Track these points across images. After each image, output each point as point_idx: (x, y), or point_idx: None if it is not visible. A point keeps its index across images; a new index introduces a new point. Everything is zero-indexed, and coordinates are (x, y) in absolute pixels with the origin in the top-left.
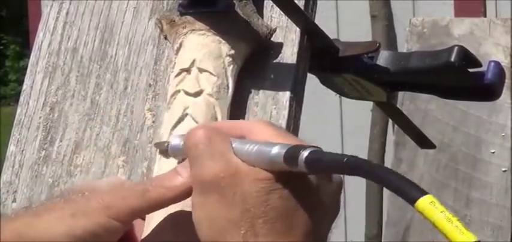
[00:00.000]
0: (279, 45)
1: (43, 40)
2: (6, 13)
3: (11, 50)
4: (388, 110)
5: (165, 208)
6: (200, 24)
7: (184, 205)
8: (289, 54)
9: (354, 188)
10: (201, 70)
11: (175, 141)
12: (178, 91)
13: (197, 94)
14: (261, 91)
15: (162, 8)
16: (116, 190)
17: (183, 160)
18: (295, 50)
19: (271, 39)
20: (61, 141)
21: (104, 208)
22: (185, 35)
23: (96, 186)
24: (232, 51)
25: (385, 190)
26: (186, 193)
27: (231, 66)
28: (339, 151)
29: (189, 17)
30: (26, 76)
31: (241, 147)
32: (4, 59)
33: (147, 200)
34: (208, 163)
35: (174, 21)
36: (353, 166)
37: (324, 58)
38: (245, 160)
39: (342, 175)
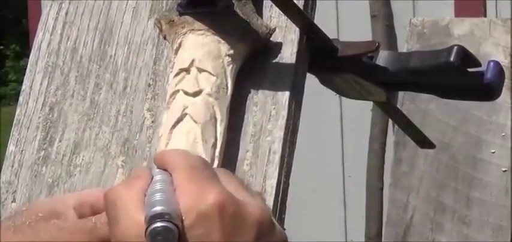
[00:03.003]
0: (279, 45)
1: (42, 40)
2: (6, 13)
3: (11, 50)
4: (388, 110)
5: None
6: (199, 24)
7: None
8: (288, 54)
9: (354, 188)
10: (200, 70)
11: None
12: (178, 91)
13: (196, 94)
14: (260, 91)
15: (161, 8)
16: (66, 222)
17: None
18: (295, 49)
19: (271, 39)
20: (60, 141)
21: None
22: (184, 34)
23: (53, 208)
24: (232, 51)
25: (385, 190)
26: None
27: (230, 66)
28: (339, 151)
29: (188, 17)
30: (25, 76)
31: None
32: (4, 59)
33: (95, 238)
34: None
35: (173, 21)
36: None
37: (324, 58)
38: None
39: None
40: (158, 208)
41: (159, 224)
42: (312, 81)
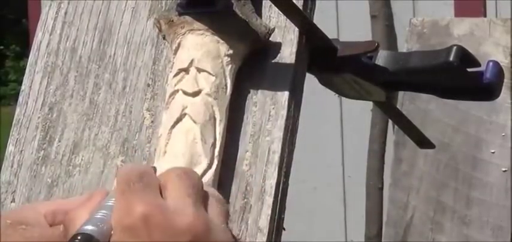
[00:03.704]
0: (278, 45)
1: (42, 40)
2: (6, 13)
3: (11, 50)
4: (388, 110)
5: None
6: (198, 24)
7: None
8: (287, 54)
9: (354, 188)
10: (199, 70)
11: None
12: (177, 91)
13: (195, 94)
14: (259, 91)
15: (161, 8)
16: (34, 230)
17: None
18: (294, 49)
19: (270, 39)
20: (60, 141)
21: None
22: (183, 34)
23: (23, 217)
24: (231, 51)
25: (385, 189)
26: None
27: (230, 66)
28: (339, 151)
29: (187, 17)
30: (24, 76)
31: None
32: (4, 59)
33: None
34: None
35: (172, 21)
36: None
37: (323, 58)
38: None
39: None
40: (83, 227)
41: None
42: (311, 81)
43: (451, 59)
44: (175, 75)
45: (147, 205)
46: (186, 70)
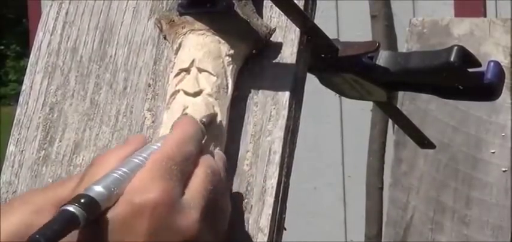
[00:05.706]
0: (279, 45)
1: (42, 40)
2: (6, 13)
3: (12, 50)
4: (388, 110)
5: None
6: (199, 24)
7: None
8: (288, 54)
9: (354, 188)
10: (200, 70)
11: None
12: (178, 91)
13: (196, 94)
14: (260, 91)
15: (162, 8)
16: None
17: None
18: (295, 50)
19: (271, 39)
20: (60, 141)
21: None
22: (184, 34)
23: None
24: (232, 51)
25: (385, 189)
26: None
27: (231, 66)
28: (339, 151)
29: (188, 17)
30: (25, 76)
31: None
32: (4, 59)
33: None
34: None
35: (173, 21)
36: None
37: (324, 58)
38: None
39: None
40: (92, 186)
41: (68, 207)
42: (312, 81)
43: (452, 59)
44: (176, 75)
45: (163, 194)
46: (187, 70)
